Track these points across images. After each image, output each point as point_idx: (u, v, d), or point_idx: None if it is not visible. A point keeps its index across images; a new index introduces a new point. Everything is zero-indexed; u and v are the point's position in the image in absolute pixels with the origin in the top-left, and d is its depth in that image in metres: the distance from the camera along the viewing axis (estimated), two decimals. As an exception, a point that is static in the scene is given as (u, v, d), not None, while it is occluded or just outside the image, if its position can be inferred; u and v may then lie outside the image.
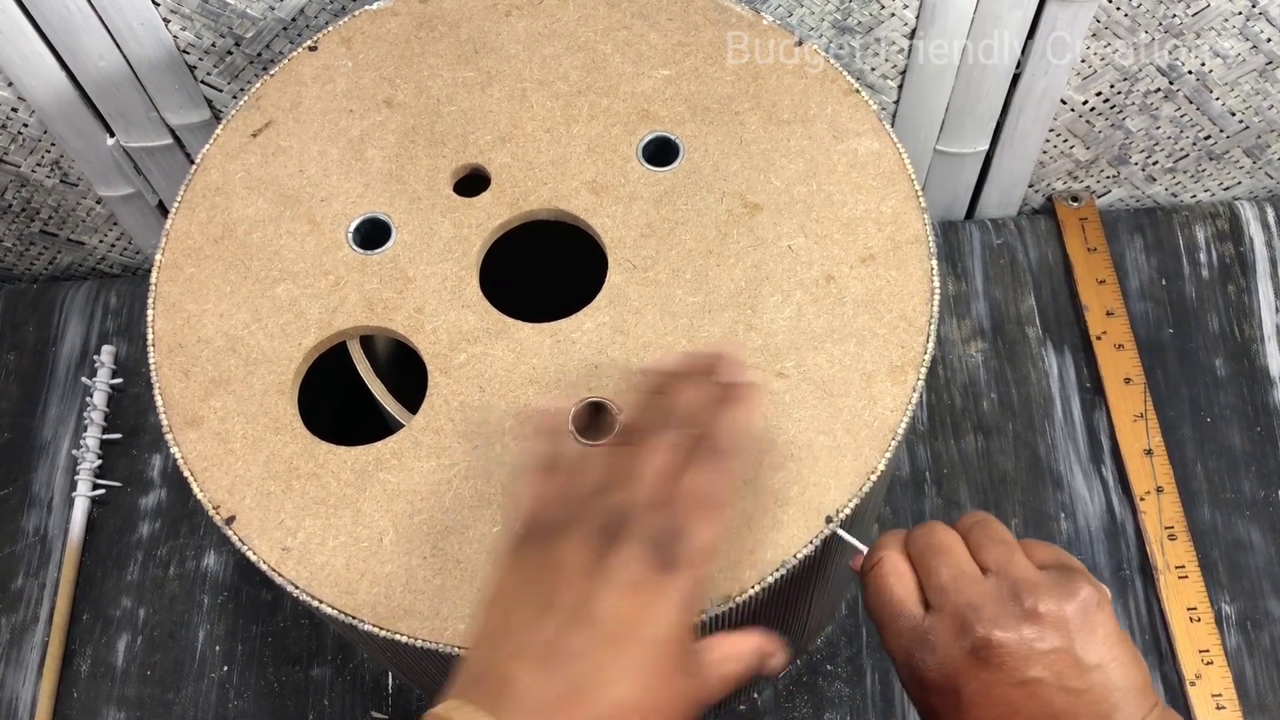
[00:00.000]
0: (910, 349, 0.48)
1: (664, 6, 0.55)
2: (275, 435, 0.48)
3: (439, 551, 0.45)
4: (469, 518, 0.46)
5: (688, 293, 0.49)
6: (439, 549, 0.45)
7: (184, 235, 0.52)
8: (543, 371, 0.48)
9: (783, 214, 0.51)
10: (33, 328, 0.80)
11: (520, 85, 0.54)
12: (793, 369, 0.48)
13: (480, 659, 0.38)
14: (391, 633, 0.44)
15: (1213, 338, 0.77)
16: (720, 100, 0.53)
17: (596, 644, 0.36)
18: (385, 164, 0.53)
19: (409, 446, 0.47)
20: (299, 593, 0.45)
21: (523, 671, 0.36)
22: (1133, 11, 0.67)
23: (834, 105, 0.53)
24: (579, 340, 0.49)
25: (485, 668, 0.38)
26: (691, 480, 0.39)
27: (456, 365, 0.49)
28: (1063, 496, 0.72)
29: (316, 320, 0.50)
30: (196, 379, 0.49)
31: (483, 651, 0.38)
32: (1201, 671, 0.66)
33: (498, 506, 0.46)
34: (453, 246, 0.51)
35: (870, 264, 0.49)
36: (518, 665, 0.37)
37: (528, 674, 0.36)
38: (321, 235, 0.51)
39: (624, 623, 0.37)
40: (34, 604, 0.72)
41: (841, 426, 0.47)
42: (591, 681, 0.36)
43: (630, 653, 0.37)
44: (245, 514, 0.47)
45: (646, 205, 0.51)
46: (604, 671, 0.36)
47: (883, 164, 0.51)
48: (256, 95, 0.55)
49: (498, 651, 0.38)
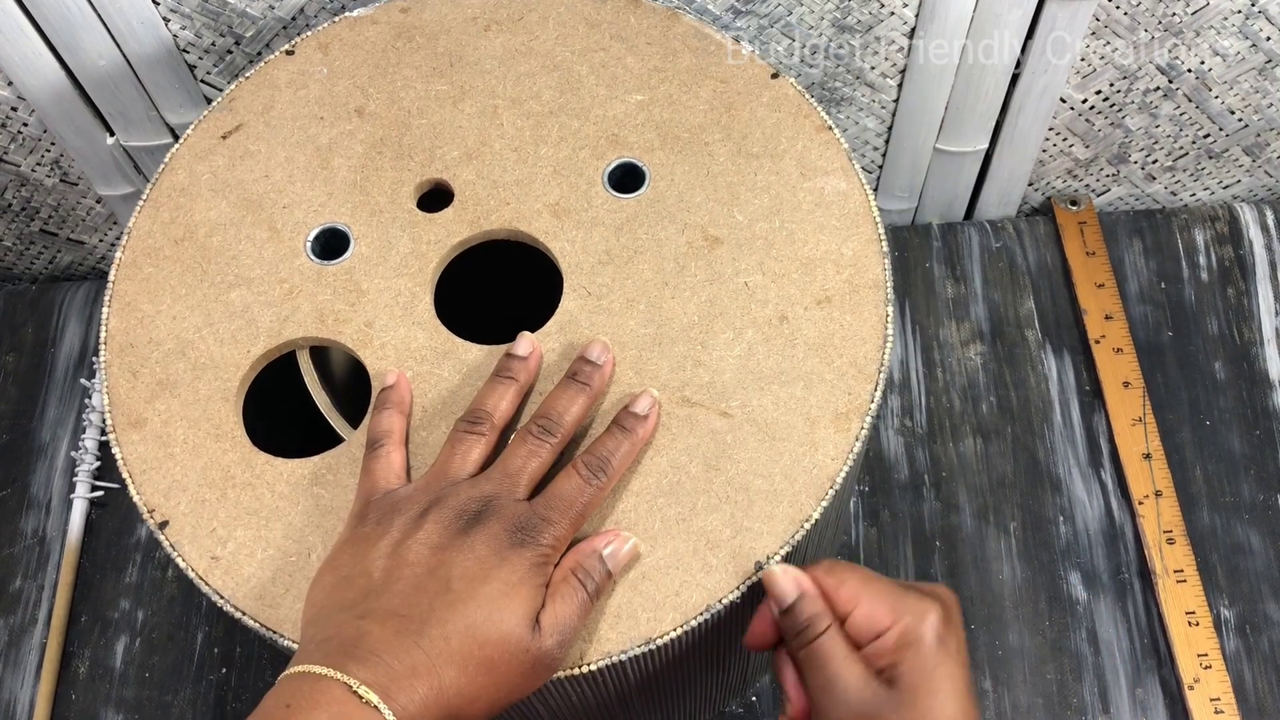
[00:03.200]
0: (857, 397, 0.47)
1: (644, 30, 0.55)
2: (216, 442, 0.48)
3: (364, 571, 0.45)
4: (398, 539, 0.46)
5: (640, 324, 0.49)
6: (365, 569, 0.45)
7: (146, 235, 0.52)
8: (487, 395, 0.48)
9: (743, 249, 0.50)
10: (32, 329, 0.80)
11: (492, 102, 0.54)
12: (737, 409, 0.47)
13: (326, 624, 0.40)
14: (311, 650, 0.44)
15: (1212, 341, 0.76)
16: (691, 129, 0.52)
17: (446, 604, 0.40)
18: (350, 174, 0.53)
19: (345, 462, 0.47)
20: (224, 603, 0.45)
21: (373, 626, 0.39)
22: (1132, 10, 0.67)
23: (805, 141, 0.52)
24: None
25: (334, 630, 0.40)
26: (561, 485, 0.44)
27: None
28: (1061, 500, 0.71)
29: (267, 329, 0.50)
30: (144, 380, 0.49)
31: (328, 617, 0.41)
32: (1200, 676, 0.65)
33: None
34: (409, 262, 0.51)
35: (826, 306, 0.48)
36: (368, 623, 0.39)
37: (378, 628, 0.39)
38: (280, 242, 0.51)
39: (470, 582, 0.41)
40: (32, 606, 0.72)
41: (780, 471, 0.46)
42: (440, 634, 0.39)
43: (474, 606, 0.40)
44: (179, 520, 0.47)
45: (607, 232, 0.51)
46: (450, 624, 0.40)
47: (848, 205, 0.50)
48: (230, 97, 0.55)
49: (344, 614, 0.40)
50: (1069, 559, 0.69)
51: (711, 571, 0.44)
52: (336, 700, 0.37)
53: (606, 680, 0.45)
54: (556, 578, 0.43)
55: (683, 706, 0.56)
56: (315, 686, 0.38)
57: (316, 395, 0.50)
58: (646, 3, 0.56)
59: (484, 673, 0.40)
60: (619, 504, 0.45)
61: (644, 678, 0.47)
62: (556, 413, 0.45)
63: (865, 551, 0.70)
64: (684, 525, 0.45)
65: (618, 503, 0.45)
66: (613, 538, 0.44)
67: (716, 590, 0.44)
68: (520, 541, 0.42)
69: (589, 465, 0.44)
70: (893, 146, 0.77)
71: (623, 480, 0.46)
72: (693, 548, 0.45)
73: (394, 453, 0.46)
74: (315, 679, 0.38)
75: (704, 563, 0.44)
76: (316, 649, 0.39)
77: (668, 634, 0.43)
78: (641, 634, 0.43)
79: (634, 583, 0.44)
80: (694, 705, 0.58)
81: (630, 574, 0.44)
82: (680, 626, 0.43)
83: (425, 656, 0.39)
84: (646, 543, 0.45)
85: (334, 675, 0.38)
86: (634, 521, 0.45)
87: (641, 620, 0.44)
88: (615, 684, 0.46)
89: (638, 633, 0.43)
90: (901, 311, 0.77)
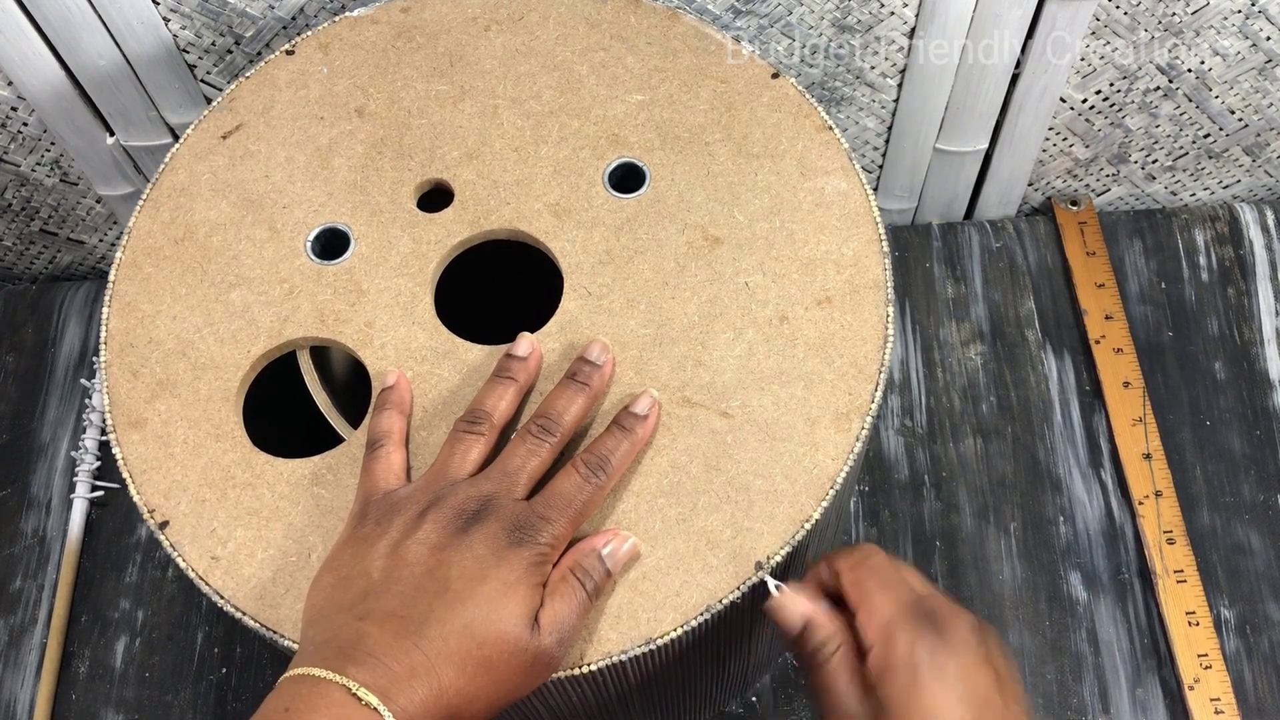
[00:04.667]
0: (858, 397, 0.47)
1: (644, 30, 0.55)
2: (216, 442, 0.48)
3: (365, 571, 0.45)
4: (398, 539, 0.45)
5: (640, 324, 0.49)
6: (365, 569, 0.45)
7: (146, 234, 0.52)
8: (487, 395, 0.48)
9: (743, 249, 0.50)
10: (32, 329, 0.80)
11: (493, 102, 0.54)
12: (738, 409, 0.47)
13: (326, 625, 0.40)
14: (311, 650, 0.44)
15: (1212, 341, 0.76)
16: (691, 130, 0.52)
17: (444, 604, 0.40)
18: (350, 174, 0.52)
19: (345, 462, 0.47)
20: (224, 603, 0.45)
21: (372, 628, 0.39)
22: (1132, 10, 0.67)
23: (805, 141, 0.52)
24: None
25: (333, 631, 0.40)
26: (560, 484, 0.43)
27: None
28: (1062, 500, 0.71)
29: (267, 328, 0.49)
30: (144, 380, 0.49)
31: (328, 618, 0.41)
32: (1200, 676, 0.65)
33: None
34: (410, 262, 0.51)
35: (826, 307, 0.48)
36: (366, 625, 0.39)
37: (376, 630, 0.39)
38: (280, 242, 0.51)
39: (468, 581, 0.41)
40: (32, 605, 0.72)
41: (781, 472, 0.46)
42: (439, 634, 0.39)
43: (472, 606, 0.40)
44: (179, 520, 0.47)
45: (607, 232, 0.51)
46: (448, 624, 0.40)
47: (849, 205, 0.50)
48: (230, 97, 0.55)
49: (344, 615, 0.40)
50: (1069, 559, 0.69)
51: (712, 571, 0.44)
52: (336, 703, 0.37)
53: (607, 680, 0.45)
54: (555, 577, 0.42)
55: (683, 706, 0.56)
56: (314, 689, 0.38)
57: (316, 395, 0.49)
58: (647, 3, 0.56)
59: (483, 672, 0.40)
60: (619, 504, 0.45)
61: (644, 678, 0.47)
62: (556, 412, 0.45)
63: (865, 551, 0.70)
64: (684, 525, 0.45)
65: (618, 503, 0.45)
66: (611, 537, 0.44)
67: (717, 590, 0.44)
68: (518, 540, 0.42)
69: (588, 464, 0.44)
70: (893, 146, 0.77)
71: (623, 480, 0.46)
72: (693, 548, 0.45)
73: (394, 453, 0.46)
74: (314, 681, 0.38)
75: (704, 563, 0.44)
76: (316, 651, 0.39)
77: (668, 634, 0.43)
78: (642, 634, 0.43)
79: (634, 583, 0.44)
80: (694, 705, 0.58)
81: (630, 574, 0.44)
82: (680, 626, 0.43)
83: (424, 657, 0.39)
84: (647, 543, 0.45)
85: (333, 678, 0.38)
86: (634, 521, 0.45)
87: (642, 620, 0.44)
88: (615, 684, 0.46)
89: (638, 632, 0.43)
90: (902, 311, 0.77)
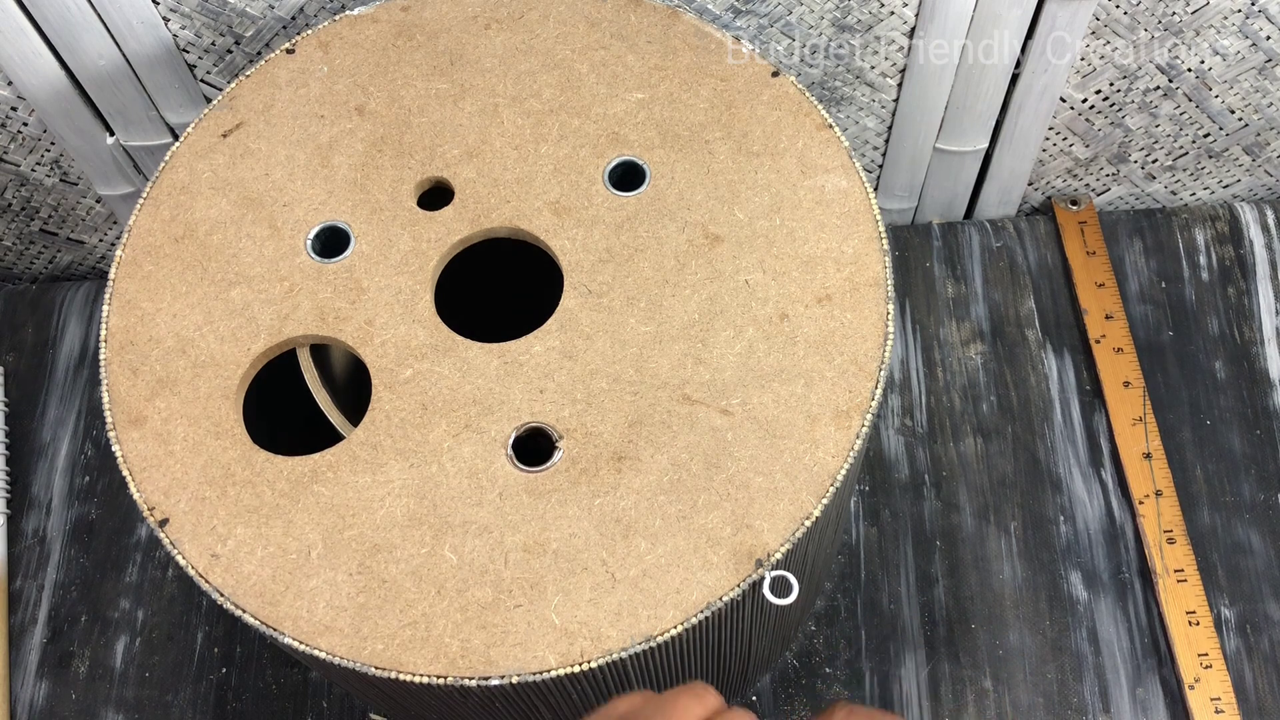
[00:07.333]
0: (858, 394, 0.47)
1: (644, 28, 0.55)
2: (216, 440, 0.48)
3: (365, 569, 0.45)
4: (398, 537, 0.46)
5: (640, 322, 0.49)
6: (365, 567, 0.45)
7: (146, 232, 0.52)
8: (488, 393, 0.48)
9: (743, 247, 0.50)
10: (32, 329, 0.80)
11: (493, 100, 0.54)
12: (738, 406, 0.47)
13: None
14: (311, 648, 0.44)
15: (1212, 341, 0.76)
16: (691, 128, 0.52)
17: None
18: (351, 172, 0.52)
19: (345, 460, 0.47)
20: (224, 601, 0.45)
21: None
22: (1132, 10, 0.67)
23: (805, 139, 0.52)
24: (526, 363, 0.48)
25: None
26: None
27: (401, 380, 0.48)
28: (1062, 500, 0.71)
29: (267, 326, 0.49)
30: (144, 378, 0.49)
31: None
32: (1200, 675, 0.65)
33: (428, 528, 0.46)
34: (410, 260, 0.51)
35: (826, 304, 0.48)
36: None
37: None
38: (281, 240, 0.51)
39: None
40: (32, 605, 0.72)
41: (781, 469, 0.46)
42: None
43: None
44: (179, 518, 0.46)
45: (607, 230, 0.51)
46: None
47: (849, 203, 0.50)
48: (230, 95, 0.55)
49: None
50: (1069, 559, 0.69)
51: (712, 569, 0.44)
52: None
53: (607, 678, 0.45)
54: None
55: (683, 705, 0.56)
56: None
57: (317, 393, 0.49)
58: (647, 1, 0.56)
59: None
60: (620, 502, 0.45)
61: (644, 675, 0.46)
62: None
63: (865, 551, 0.70)
64: (685, 523, 0.45)
65: (619, 501, 0.45)
66: None
67: (717, 588, 0.44)
68: None
69: None
70: (893, 146, 0.77)
71: (624, 479, 0.46)
72: (693, 545, 0.45)
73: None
74: None
75: (704, 560, 0.44)
76: None
77: (668, 631, 0.43)
78: (642, 631, 0.43)
79: (635, 580, 0.44)
80: (694, 704, 0.58)
81: (631, 571, 0.44)
82: (681, 624, 0.43)
83: None
84: (647, 540, 0.45)
85: None
86: (635, 519, 0.45)
87: (642, 617, 0.44)
88: (616, 682, 0.46)
89: (638, 630, 0.43)
90: (902, 311, 0.77)
